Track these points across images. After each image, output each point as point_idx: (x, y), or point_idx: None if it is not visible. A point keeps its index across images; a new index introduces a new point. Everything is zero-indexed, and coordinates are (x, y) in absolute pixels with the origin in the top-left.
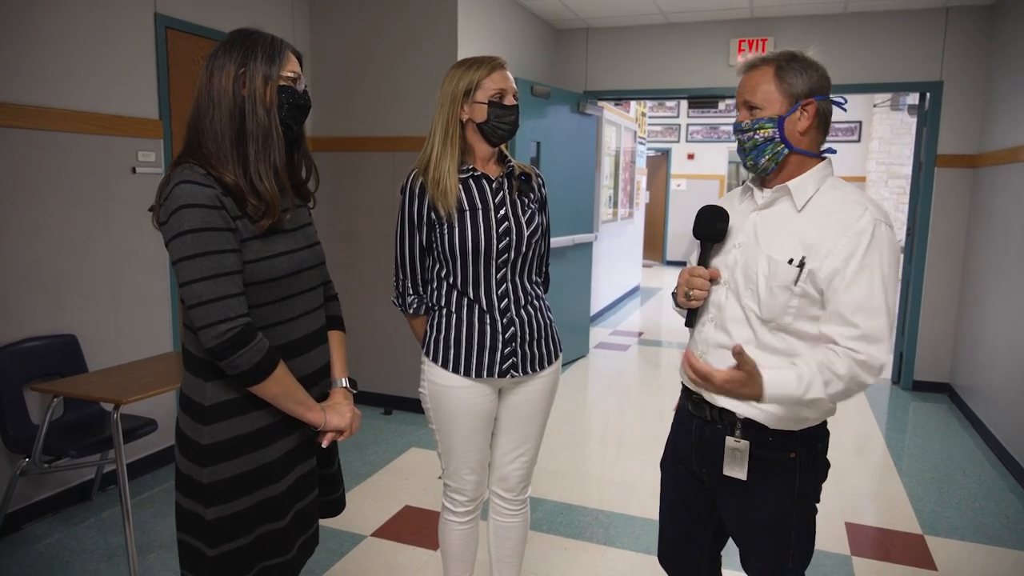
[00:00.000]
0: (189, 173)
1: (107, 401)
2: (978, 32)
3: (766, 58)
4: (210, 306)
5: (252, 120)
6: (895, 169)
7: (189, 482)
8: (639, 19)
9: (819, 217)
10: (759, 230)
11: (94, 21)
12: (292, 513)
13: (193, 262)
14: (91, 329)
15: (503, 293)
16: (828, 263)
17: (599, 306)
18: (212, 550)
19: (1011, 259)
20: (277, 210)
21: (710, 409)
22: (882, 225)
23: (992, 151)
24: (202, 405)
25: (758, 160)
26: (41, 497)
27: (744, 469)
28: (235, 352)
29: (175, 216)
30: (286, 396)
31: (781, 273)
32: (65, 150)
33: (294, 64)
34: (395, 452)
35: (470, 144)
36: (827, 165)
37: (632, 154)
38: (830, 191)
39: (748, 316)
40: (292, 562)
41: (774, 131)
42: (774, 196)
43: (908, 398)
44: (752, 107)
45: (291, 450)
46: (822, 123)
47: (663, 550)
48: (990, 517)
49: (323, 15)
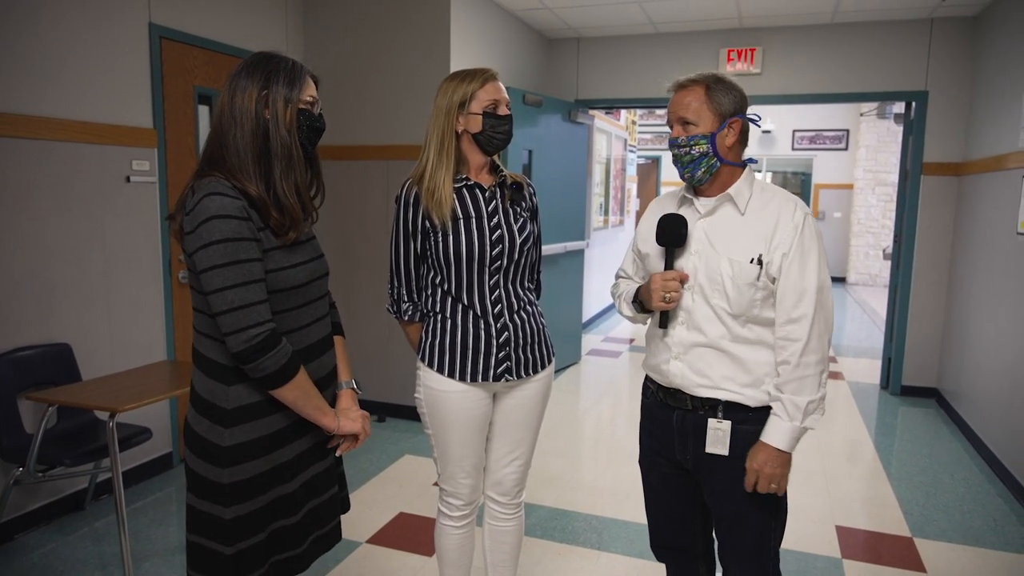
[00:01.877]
0: (217, 185)
1: (103, 409)
2: (962, 42)
3: (696, 79)
4: (240, 312)
5: (276, 140)
6: (882, 177)
7: (206, 484)
8: (630, 29)
9: (761, 216)
10: (711, 236)
11: (89, 31)
12: (306, 509)
13: (224, 270)
14: (85, 338)
15: (496, 299)
16: (778, 254)
17: (590, 313)
18: (230, 548)
19: (996, 265)
20: (300, 224)
21: (691, 399)
22: (808, 215)
23: (977, 159)
24: (224, 409)
25: (695, 172)
26: (34, 507)
27: (726, 446)
28: (263, 356)
29: (205, 226)
30: (305, 400)
31: (745, 272)
32: (59, 159)
33: (312, 89)
34: (389, 459)
35: (464, 154)
36: (751, 170)
37: (622, 162)
38: (760, 192)
39: (719, 314)
40: (303, 555)
41: (707, 146)
42: (716, 203)
43: (897, 403)
44: (687, 123)
45: (305, 451)
46: (744, 137)
47: (655, 539)
48: (977, 520)
49: (317, 25)
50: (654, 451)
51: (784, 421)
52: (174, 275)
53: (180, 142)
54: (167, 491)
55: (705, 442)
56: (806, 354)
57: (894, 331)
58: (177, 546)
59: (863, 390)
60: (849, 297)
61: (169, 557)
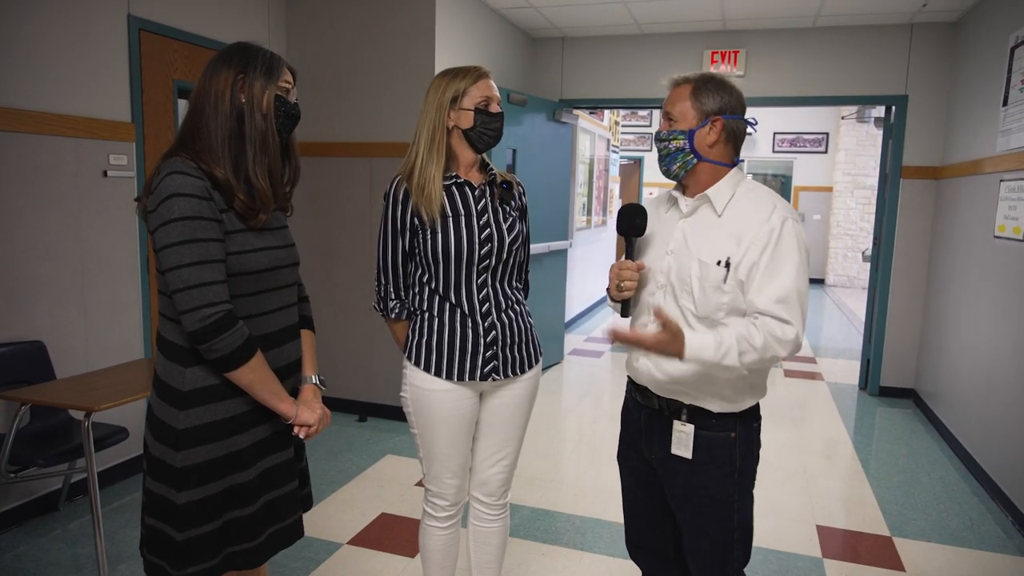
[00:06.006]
0: (180, 164)
1: (78, 409)
2: (942, 48)
3: (688, 78)
4: (195, 291)
5: (251, 125)
6: (860, 180)
7: (161, 466)
8: (614, 29)
9: (737, 218)
10: (688, 236)
11: (66, 22)
12: (263, 501)
13: (181, 248)
14: (59, 336)
15: (484, 298)
16: (747, 257)
17: (573, 312)
18: (181, 534)
19: (973, 268)
20: (270, 207)
21: (657, 399)
22: (789, 220)
23: (955, 163)
24: (180, 391)
25: (670, 167)
26: (5, 508)
27: (690, 448)
28: (217, 336)
29: (165, 204)
30: (261, 384)
31: (712, 275)
32: (35, 152)
33: (288, 76)
34: (370, 459)
35: (454, 151)
36: (738, 172)
37: (605, 162)
38: (745, 195)
39: (685, 315)
40: (259, 548)
41: (684, 142)
42: (696, 204)
43: (875, 403)
44: (670, 119)
45: (262, 439)
46: (731, 138)
47: (629, 536)
48: (955, 519)
49: (299, 20)
50: (628, 446)
51: (710, 347)
52: (152, 272)
53: (159, 136)
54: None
55: (669, 443)
56: (753, 338)
57: (872, 333)
58: None
59: (842, 391)
60: (828, 299)
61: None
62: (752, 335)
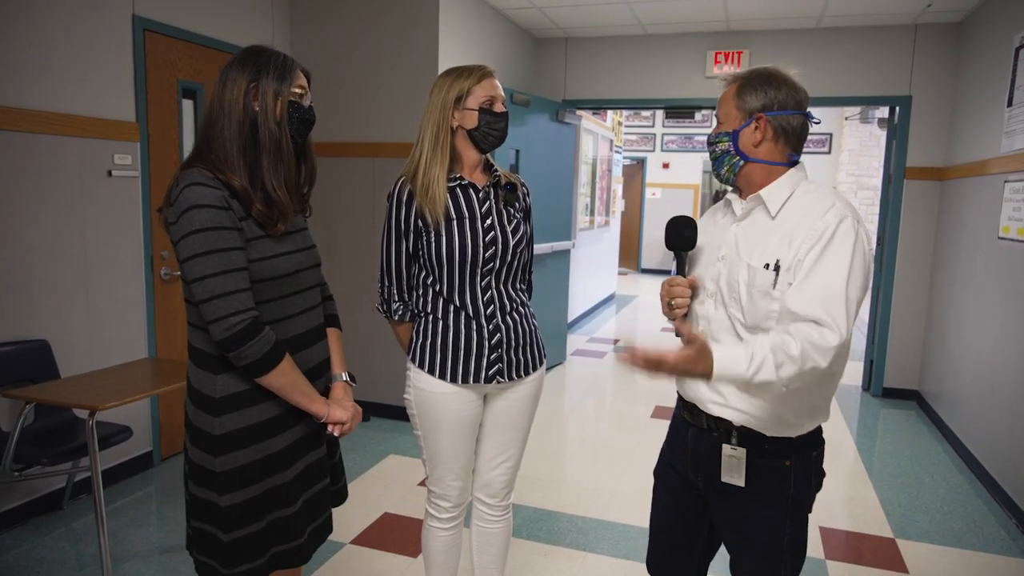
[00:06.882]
0: (197, 175)
1: (83, 407)
2: (946, 48)
3: (737, 75)
4: (221, 300)
5: (264, 132)
6: (864, 180)
7: (202, 471)
8: (618, 30)
9: (792, 219)
10: (740, 241)
11: (71, 22)
12: (301, 501)
13: (204, 259)
14: (64, 335)
15: (488, 300)
16: (793, 255)
17: (575, 313)
18: (227, 535)
19: (977, 269)
20: (289, 217)
21: (706, 418)
22: (848, 219)
23: (959, 164)
24: (212, 397)
25: (719, 170)
26: (9, 507)
27: (742, 476)
28: (244, 343)
29: (185, 216)
30: (292, 387)
31: (760, 279)
32: (40, 152)
33: (302, 80)
34: (374, 459)
35: (458, 151)
36: (797, 171)
37: (608, 163)
38: (803, 196)
39: (734, 324)
40: (303, 547)
41: (729, 144)
42: (750, 206)
43: (878, 405)
44: (719, 121)
45: (297, 440)
46: (781, 135)
47: (653, 557)
48: (958, 521)
49: (303, 20)
50: (669, 464)
51: (741, 362)
52: (156, 271)
53: (163, 136)
54: (147, 491)
55: (718, 468)
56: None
57: (876, 334)
58: (157, 547)
59: (845, 392)
60: None
61: (148, 558)
62: (788, 344)
